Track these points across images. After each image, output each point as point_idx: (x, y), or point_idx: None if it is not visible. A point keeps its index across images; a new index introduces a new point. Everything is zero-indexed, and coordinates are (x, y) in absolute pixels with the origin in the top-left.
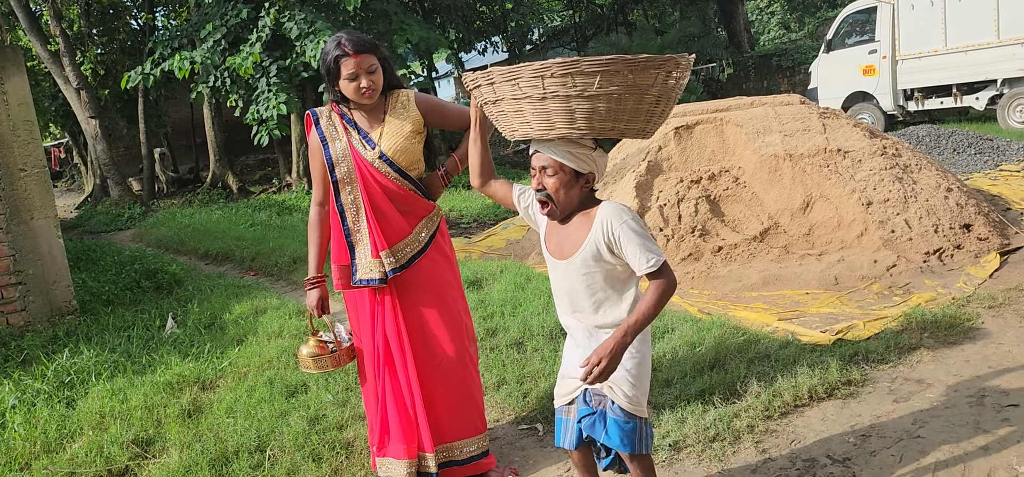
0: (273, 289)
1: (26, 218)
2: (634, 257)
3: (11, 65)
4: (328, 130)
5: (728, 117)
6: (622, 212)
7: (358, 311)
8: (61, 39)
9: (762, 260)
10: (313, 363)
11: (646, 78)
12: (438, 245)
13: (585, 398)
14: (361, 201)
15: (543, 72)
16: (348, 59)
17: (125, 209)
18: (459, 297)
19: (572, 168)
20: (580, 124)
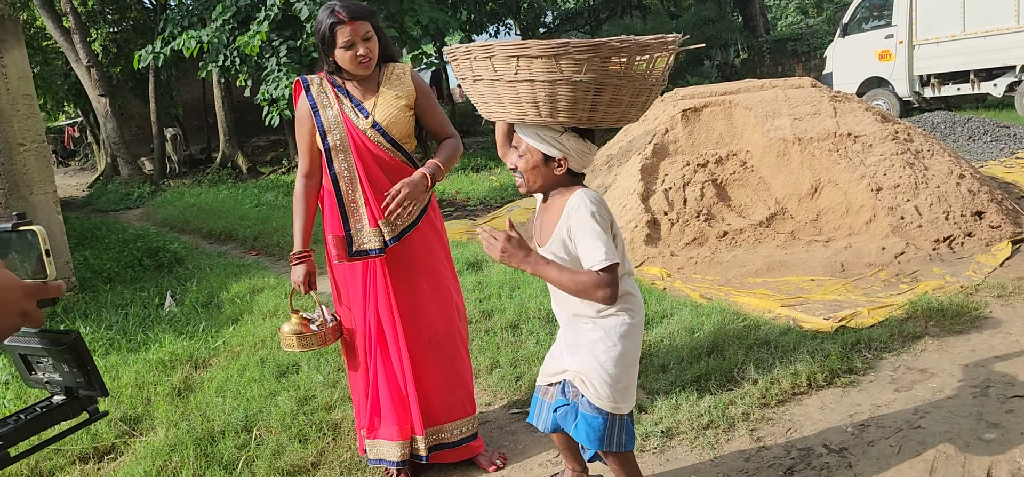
0: (272, 269)
1: (25, 193)
2: (583, 249)
3: (11, 38)
4: (319, 97)
5: (737, 100)
6: (584, 203)
7: (348, 288)
8: (72, 17)
9: (768, 246)
10: (297, 341)
11: (620, 64)
12: (429, 219)
13: (563, 389)
14: (355, 169)
15: (489, 53)
16: (344, 26)
17: (135, 188)
18: (450, 274)
19: (540, 151)
20: (527, 110)
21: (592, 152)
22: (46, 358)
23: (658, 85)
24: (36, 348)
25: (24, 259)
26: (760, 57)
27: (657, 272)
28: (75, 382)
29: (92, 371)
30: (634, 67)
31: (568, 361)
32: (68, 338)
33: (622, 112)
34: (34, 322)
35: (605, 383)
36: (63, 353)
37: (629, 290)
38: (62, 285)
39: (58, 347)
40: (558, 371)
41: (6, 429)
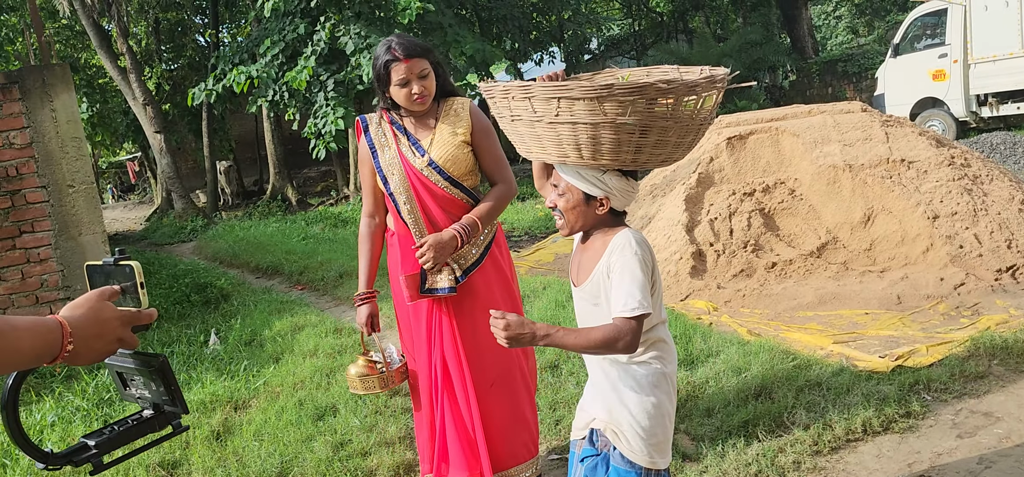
0: (316, 305)
1: (74, 233)
2: (617, 291)
3: (60, 83)
4: (377, 137)
5: (784, 126)
6: (630, 243)
7: (413, 331)
8: (128, 56)
9: (819, 277)
10: (361, 384)
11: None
12: (493, 257)
13: (591, 438)
14: (417, 212)
15: (528, 94)
16: (399, 64)
17: (188, 221)
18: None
19: (582, 190)
20: (568, 151)
21: (635, 190)
22: (139, 376)
23: (706, 123)
24: (130, 367)
25: (124, 288)
26: (809, 79)
27: (703, 306)
28: (161, 399)
29: (175, 390)
30: (681, 107)
31: (597, 409)
32: (156, 360)
33: (668, 153)
34: (129, 345)
35: (638, 436)
36: (152, 373)
37: (663, 338)
38: (154, 313)
39: (148, 367)
40: (587, 420)
41: (101, 439)
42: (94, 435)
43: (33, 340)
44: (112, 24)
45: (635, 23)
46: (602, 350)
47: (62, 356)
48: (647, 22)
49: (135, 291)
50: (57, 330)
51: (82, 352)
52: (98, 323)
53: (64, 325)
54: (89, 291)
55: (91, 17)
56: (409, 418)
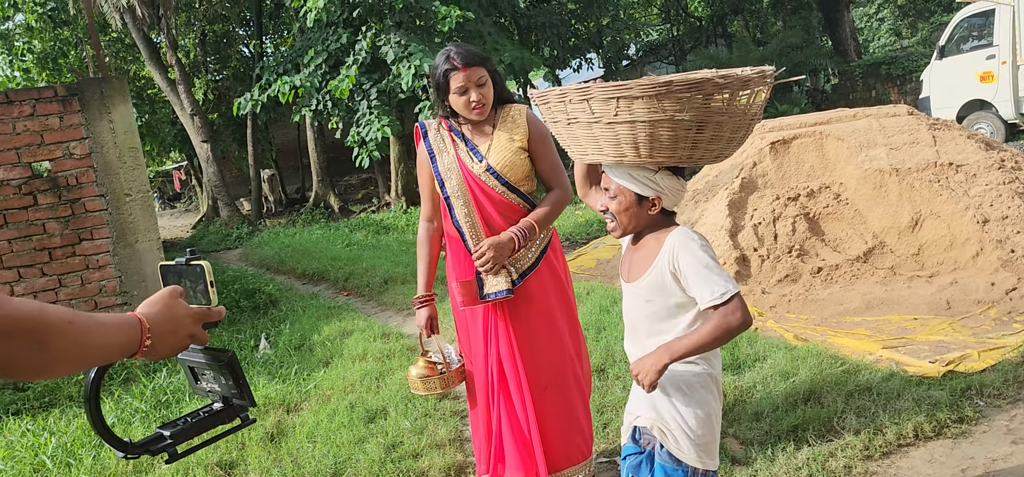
0: (363, 310)
1: (131, 241)
2: (698, 288)
3: (117, 95)
4: (436, 143)
5: (828, 130)
6: (689, 240)
7: (470, 333)
8: (177, 68)
9: (866, 282)
10: (421, 384)
11: (722, 100)
12: (549, 261)
13: (635, 435)
14: (475, 215)
15: (587, 95)
16: (457, 73)
17: (234, 229)
18: (564, 317)
19: (634, 191)
20: (626, 151)
21: (685, 189)
22: (209, 371)
23: (756, 119)
24: (201, 362)
25: (194, 288)
26: (852, 82)
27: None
28: (231, 392)
29: (243, 384)
30: (735, 102)
31: (642, 408)
32: (225, 355)
33: (721, 148)
34: (200, 341)
35: (686, 436)
36: (222, 367)
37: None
38: (222, 311)
39: (218, 362)
40: (632, 419)
41: (176, 429)
42: (169, 426)
43: (118, 335)
44: (161, 37)
45: (673, 28)
46: (721, 341)
47: (141, 351)
48: (685, 27)
49: (205, 289)
50: (137, 326)
51: (158, 347)
52: (172, 320)
53: (143, 321)
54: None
55: (142, 30)
56: (458, 421)
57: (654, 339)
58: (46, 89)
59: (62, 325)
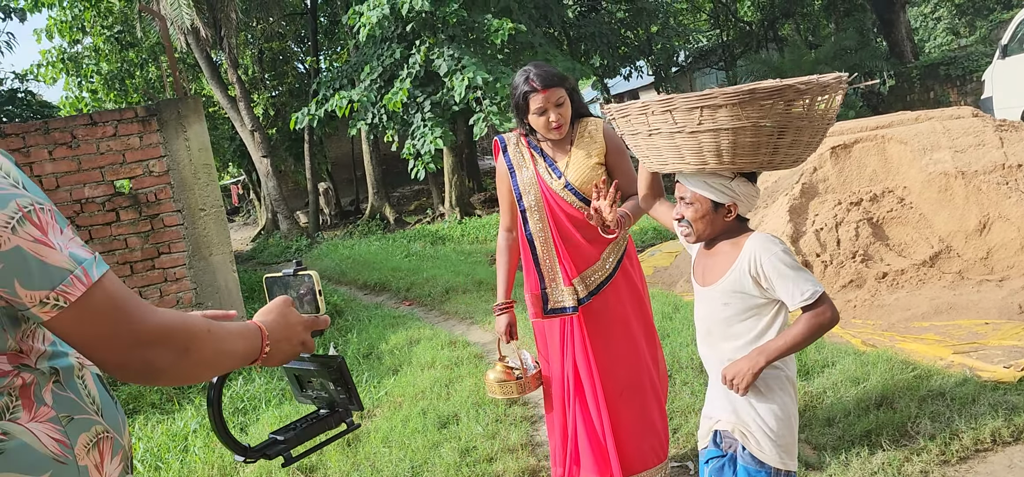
0: (426, 320)
1: (206, 254)
2: (786, 291)
3: (192, 115)
4: (516, 158)
5: (890, 133)
6: (771, 244)
7: (547, 340)
8: (237, 86)
9: (933, 287)
10: (499, 388)
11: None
12: (625, 270)
13: (716, 439)
14: (549, 230)
15: (670, 106)
16: (536, 94)
17: (293, 241)
18: (640, 325)
19: (710, 198)
20: (709, 158)
21: (758, 195)
22: (316, 378)
23: (831, 123)
24: (309, 370)
25: (301, 297)
26: (909, 83)
27: None
28: (339, 398)
29: (352, 389)
30: (815, 108)
31: (720, 410)
32: (334, 362)
33: (799, 153)
34: (309, 349)
35: (767, 437)
36: (331, 374)
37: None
38: (328, 320)
39: (327, 369)
40: (711, 424)
41: (289, 434)
42: (282, 431)
43: (244, 342)
44: (222, 56)
45: (723, 34)
46: (813, 338)
47: (261, 358)
48: (735, 32)
49: (313, 299)
50: (258, 334)
51: (275, 354)
52: (287, 327)
53: (262, 329)
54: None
55: (204, 50)
56: (529, 426)
57: (729, 343)
58: (127, 110)
59: (202, 333)
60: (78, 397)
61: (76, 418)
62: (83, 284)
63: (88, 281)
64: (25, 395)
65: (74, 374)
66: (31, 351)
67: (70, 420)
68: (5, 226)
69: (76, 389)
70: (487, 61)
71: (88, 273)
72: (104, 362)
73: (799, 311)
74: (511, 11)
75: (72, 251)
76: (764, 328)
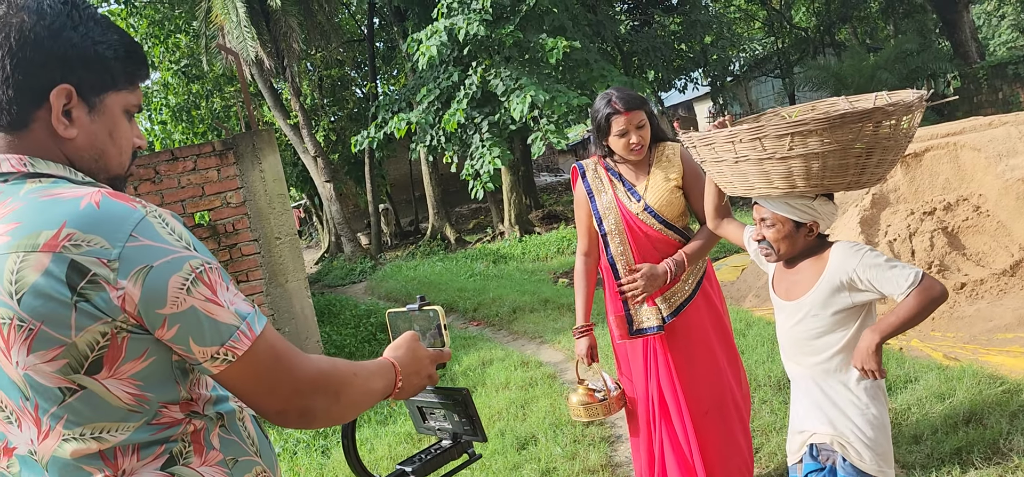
0: (496, 340)
1: (281, 281)
2: (889, 284)
3: (266, 147)
4: (594, 183)
5: (962, 140)
6: (857, 249)
7: (630, 362)
8: (300, 113)
9: (1015, 296)
10: (584, 412)
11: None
12: (705, 291)
13: (812, 452)
14: (630, 251)
15: (761, 133)
16: (619, 116)
17: (357, 263)
18: (721, 345)
19: (791, 219)
20: (798, 182)
21: (837, 212)
22: (439, 409)
23: (911, 140)
24: (432, 402)
25: (425, 331)
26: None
27: None
28: (462, 429)
29: (476, 420)
30: (900, 128)
31: (815, 423)
32: (460, 394)
33: (884, 171)
34: (434, 382)
35: (866, 446)
36: (455, 405)
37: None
38: (450, 353)
39: (452, 400)
40: (805, 438)
41: (416, 466)
42: (408, 462)
43: (383, 381)
44: (284, 85)
45: (778, 41)
46: (926, 312)
47: (395, 392)
48: (790, 39)
49: (438, 333)
50: (392, 370)
51: (406, 388)
52: (416, 361)
53: (396, 366)
54: (397, 337)
55: (267, 80)
56: (607, 446)
57: (818, 355)
58: (205, 145)
59: (350, 376)
60: (240, 439)
61: (240, 460)
62: (248, 339)
63: (252, 335)
64: (196, 440)
65: (236, 417)
66: (199, 398)
67: (235, 462)
68: (181, 288)
69: (238, 432)
70: (543, 80)
71: (252, 328)
72: (265, 409)
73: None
74: (565, 29)
75: (237, 307)
76: (852, 336)
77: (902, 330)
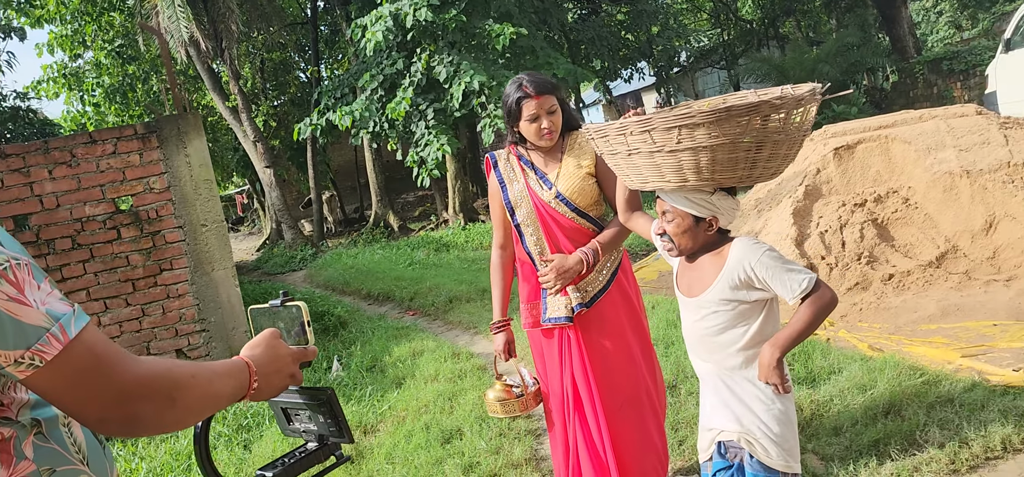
0: (430, 330)
1: (207, 270)
2: (783, 286)
3: (192, 130)
4: (506, 172)
5: (894, 133)
6: (756, 246)
7: (545, 355)
8: (239, 96)
9: (940, 288)
10: (500, 408)
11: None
12: (620, 283)
13: (720, 450)
14: (544, 241)
15: (649, 126)
16: (529, 100)
17: (298, 251)
18: (636, 338)
19: (691, 213)
20: (688, 176)
21: (738, 207)
22: (304, 411)
23: (807, 134)
24: (297, 403)
25: (289, 328)
26: (912, 79)
27: None
28: (328, 431)
29: (342, 421)
30: (791, 121)
31: (722, 420)
32: (324, 394)
33: (777, 165)
34: (297, 381)
35: (772, 442)
36: (320, 406)
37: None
38: (316, 351)
39: (316, 401)
40: (713, 436)
41: (276, 471)
42: (269, 467)
43: (231, 382)
44: (224, 67)
45: (724, 33)
46: (819, 320)
47: (248, 394)
48: (736, 31)
49: (302, 330)
50: (246, 370)
51: (264, 389)
52: (275, 360)
53: (250, 365)
54: (256, 334)
55: (206, 62)
56: (533, 440)
57: (721, 351)
58: (127, 128)
59: (187, 379)
60: (62, 447)
61: (58, 470)
62: (60, 342)
63: (65, 338)
64: (4, 450)
65: (59, 422)
66: (12, 403)
67: (52, 472)
68: None
69: (60, 438)
70: (489, 66)
71: (65, 330)
72: (84, 417)
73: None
74: (512, 16)
75: (50, 307)
76: (755, 332)
77: (800, 340)
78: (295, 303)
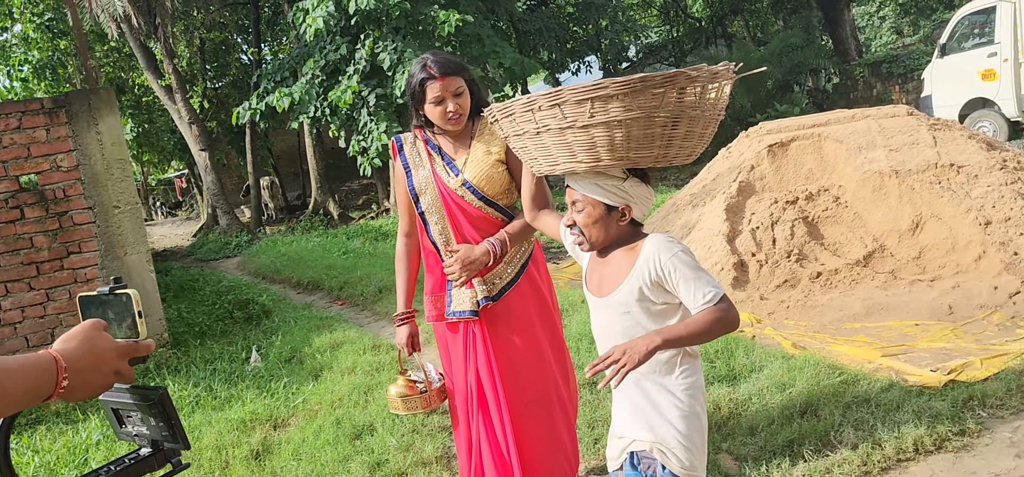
0: (355, 320)
1: (120, 253)
2: (688, 292)
3: (105, 107)
4: (412, 157)
5: (827, 132)
6: (671, 245)
7: (450, 350)
8: (173, 75)
9: (866, 287)
10: (402, 404)
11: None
12: (530, 275)
13: (632, 461)
14: (449, 231)
15: (559, 99)
16: (434, 82)
17: (233, 237)
18: (547, 333)
19: (602, 202)
20: (602, 154)
21: (652, 197)
22: (136, 412)
23: (721, 115)
24: (127, 403)
25: (120, 320)
26: (853, 81)
27: (746, 318)
28: (161, 435)
29: (176, 425)
30: (706, 97)
31: (634, 429)
32: (155, 394)
33: (693, 146)
34: (126, 379)
35: (684, 448)
36: (151, 408)
37: (693, 350)
38: (152, 344)
39: (146, 402)
40: (625, 445)
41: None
42: (93, 474)
43: (25, 380)
44: (158, 46)
45: (672, 30)
46: (714, 333)
47: (57, 393)
48: (684, 28)
49: (132, 322)
50: (52, 366)
51: (78, 387)
52: (94, 354)
53: (58, 360)
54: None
55: (138, 39)
56: (446, 437)
57: None
58: (32, 101)
59: None
60: None
61: None
62: None
63: None
64: None
65: None
66: None
67: None
68: None
69: None
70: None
71: None
72: None
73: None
74: (457, 3)
75: None
76: None
77: (686, 343)
78: (126, 291)
